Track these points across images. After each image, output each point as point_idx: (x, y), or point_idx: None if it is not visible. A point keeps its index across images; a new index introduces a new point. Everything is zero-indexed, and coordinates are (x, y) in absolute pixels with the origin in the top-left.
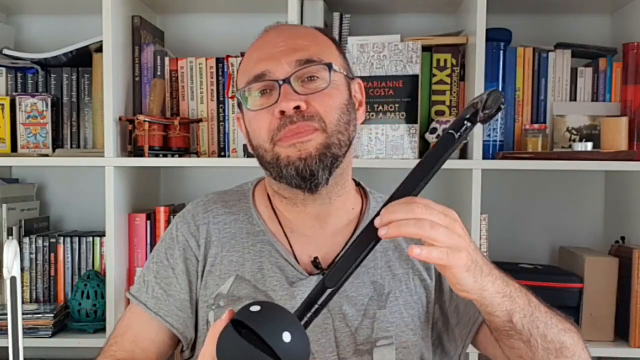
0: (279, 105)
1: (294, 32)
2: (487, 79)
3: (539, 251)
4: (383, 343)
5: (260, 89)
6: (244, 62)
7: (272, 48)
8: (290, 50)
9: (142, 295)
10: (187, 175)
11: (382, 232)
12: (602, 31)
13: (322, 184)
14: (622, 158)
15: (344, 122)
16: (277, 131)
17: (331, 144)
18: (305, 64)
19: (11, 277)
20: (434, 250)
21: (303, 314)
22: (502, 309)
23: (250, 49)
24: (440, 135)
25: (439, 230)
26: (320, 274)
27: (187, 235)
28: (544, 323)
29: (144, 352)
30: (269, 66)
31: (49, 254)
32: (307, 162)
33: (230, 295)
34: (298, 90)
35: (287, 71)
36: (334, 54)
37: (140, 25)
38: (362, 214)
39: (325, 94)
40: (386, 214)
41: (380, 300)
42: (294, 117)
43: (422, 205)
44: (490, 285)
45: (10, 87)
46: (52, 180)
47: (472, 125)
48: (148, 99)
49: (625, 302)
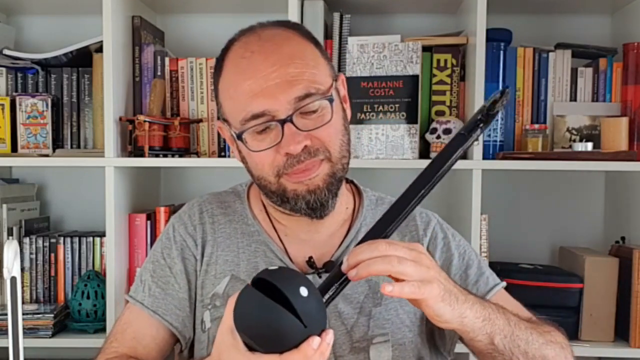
0: (284, 147)
1: (281, 53)
2: (487, 79)
3: (539, 251)
4: (379, 340)
5: (261, 128)
6: (230, 87)
7: (263, 80)
8: (285, 83)
9: (139, 295)
10: (187, 175)
11: (352, 274)
12: (602, 31)
13: (331, 210)
14: (622, 158)
15: (345, 143)
16: (283, 167)
17: (336, 171)
18: (305, 98)
19: (11, 277)
20: (405, 286)
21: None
22: (483, 333)
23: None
24: (440, 135)
25: (406, 264)
26: (315, 273)
27: (184, 234)
28: (525, 340)
29: (145, 348)
30: (267, 105)
31: (49, 254)
32: (316, 195)
33: (225, 295)
34: (301, 127)
35: (287, 108)
36: (324, 69)
37: (140, 25)
38: (355, 212)
39: (328, 125)
40: (351, 256)
41: (375, 298)
42: (301, 156)
43: (385, 243)
44: (469, 311)
45: (10, 87)
46: (52, 180)
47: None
48: (148, 99)
49: (625, 302)
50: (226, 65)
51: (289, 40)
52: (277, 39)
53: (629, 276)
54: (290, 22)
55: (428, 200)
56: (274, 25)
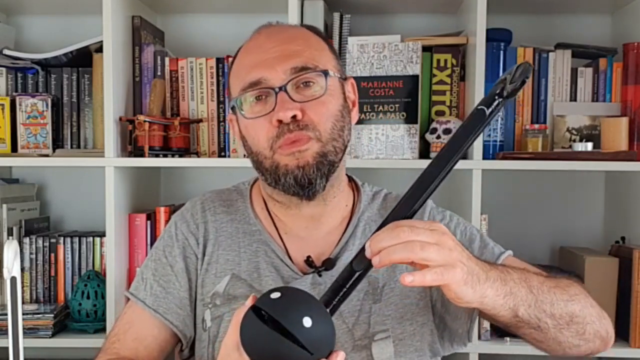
0: (276, 113)
1: (285, 34)
2: (487, 79)
3: (539, 251)
4: (380, 337)
5: (256, 95)
6: (235, 66)
7: (264, 53)
8: (284, 57)
9: (140, 293)
10: (187, 175)
11: (375, 261)
12: (602, 31)
13: (319, 190)
14: (622, 158)
15: (338, 128)
16: (276, 138)
17: (327, 152)
18: (301, 70)
19: (11, 277)
20: (427, 274)
21: (330, 299)
22: (505, 308)
23: (241, 52)
24: (440, 135)
25: (429, 250)
26: (314, 272)
27: (186, 233)
28: (549, 303)
29: (147, 349)
30: (264, 73)
31: (49, 254)
32: (305, 171)
33: (225, 294)
34: (294, 97)
35: (282, 78)
36: (327, 56)
37: (140, 25)
38: (354, 209)
39: (320, 102)
40: (373, 242)
41: (375, 294)
42: (291, 125)
43: (407, 227)
44: (490, 290)
45: (10, 87)
46: (52, 180)
47: (502, 100)
48: (148, 99)
49: (625, 302)
50: (237, 54)
51: (297, 28)
52: (286, 26)
53: (629, 276)
54: (308, 25)
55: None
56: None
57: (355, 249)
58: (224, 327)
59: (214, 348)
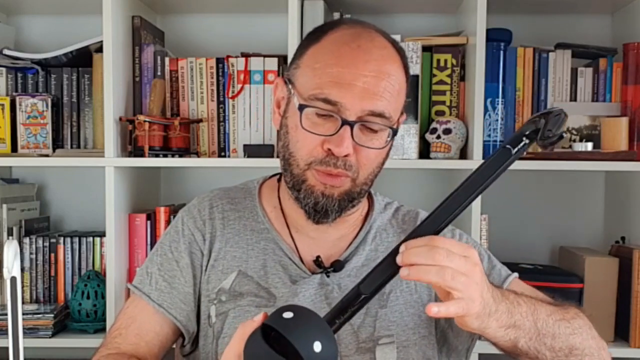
0: (331, 142)
1: (381, 64)
2: (487, 79)
3: (539, 251)
4: (385, 341)
5: (323, 114)
6: (321, 61)
7: (354, 76)
8: (370, 94)
9: (145, 287)
10: (187, 175)
11: (403, 273)
12: (602, 31)
13: (329, 222)
14: (622, 158)
15: (374, 175)
16: (317, 161)
17: (354, 193)
18: (377, 116)
19: (11, 277)
20: (451, 306)
21: (334, 318)
22: (506, 339)
23: (332, 50)
24: (440, 135)
25: (459, 280)
26: (322, 272)
27: (192, 229)
28: (551, 337)
29: (148, 344)
30: (344, 99)
31: (49, 254)
32: (327, 201)
33: (231, 290)
34: (355, 137)
35: (357, 113)
36: (401, 101)
37: (140, 25)
38: (366, 217)
39: (374, 153)
40: (407, 255)
41: (381, 299)
42: (339, 161)
43: (444, 251)
44: (494, 322)
45: (10, 87)
46: (52, 180)
47: (530, 142)
48: (148, 99)
49: (625, 302)
50: (327, 39)
51: (393, 61)
52: (385, 52)
53: (629, 276)
54: (398, 44)
55: (428, 199)
56: (387, 38)
57: (365, 255)
58: (229, 324)
59: (218, 344)
